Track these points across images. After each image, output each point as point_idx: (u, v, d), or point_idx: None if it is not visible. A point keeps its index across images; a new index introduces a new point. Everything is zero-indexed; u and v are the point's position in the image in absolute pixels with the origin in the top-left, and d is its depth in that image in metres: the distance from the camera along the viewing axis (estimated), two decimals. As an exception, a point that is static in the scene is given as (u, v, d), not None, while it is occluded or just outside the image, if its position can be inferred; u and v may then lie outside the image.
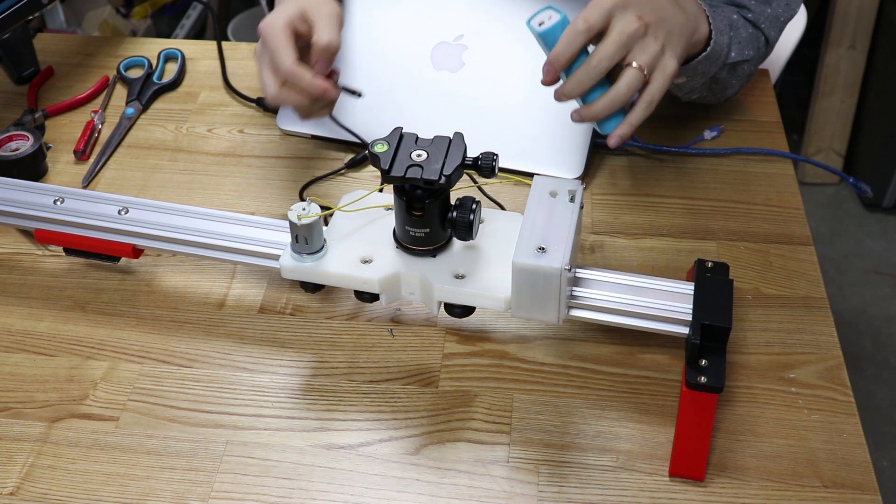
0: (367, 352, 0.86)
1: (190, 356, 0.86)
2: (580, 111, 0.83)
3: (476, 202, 0.75)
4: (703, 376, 0.71)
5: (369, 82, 1.07)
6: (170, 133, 1.11)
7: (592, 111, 0.82)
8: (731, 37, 0.95)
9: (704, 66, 0.93)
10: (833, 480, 0.75)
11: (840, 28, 2.15)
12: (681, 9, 0.86)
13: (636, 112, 0.83)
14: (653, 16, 0.82)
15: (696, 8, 0.89)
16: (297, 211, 0.75)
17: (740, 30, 0.98)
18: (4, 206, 0.87)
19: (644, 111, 0.83)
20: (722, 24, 0.93)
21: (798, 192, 1.01)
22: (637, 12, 0.81)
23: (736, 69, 1.00)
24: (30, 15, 1.13)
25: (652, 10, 0.82)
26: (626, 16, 0.81)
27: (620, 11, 0.81)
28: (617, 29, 0.80)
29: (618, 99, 0.81)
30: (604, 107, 0.81)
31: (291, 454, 0.78)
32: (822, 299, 0.89)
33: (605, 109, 0.81)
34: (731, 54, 0.96)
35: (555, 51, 0.80)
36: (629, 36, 0.80)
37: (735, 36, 0.96)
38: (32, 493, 0.76)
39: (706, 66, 0.93)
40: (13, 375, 0.85)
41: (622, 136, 0.83)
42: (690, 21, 0.86)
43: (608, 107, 0.81)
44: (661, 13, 0.83)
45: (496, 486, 0.76)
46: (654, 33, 0.82)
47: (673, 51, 0.83)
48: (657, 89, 0.82)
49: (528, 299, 0.73)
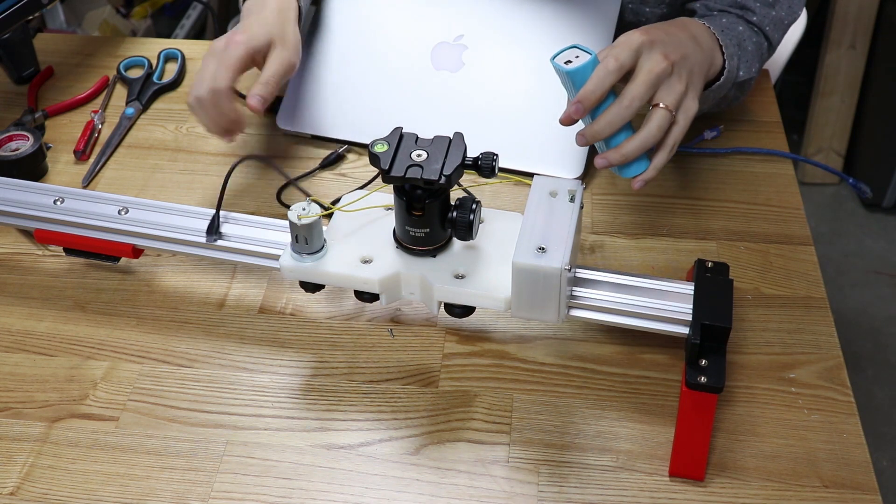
0: (367, 352, 0.86)
1: (190, 356, 0.86)
2: (607, 155, 0.82)
3: (476, 202, 0.75)
4: (703, 376, 0.71)
5: (370, 82, 1.07)
6: (170, 133, 1.11)
7: (622, 154, 0.81)
8: (740, 56, 0.96)
9: (717, 92, 0.94)
10: (833, 480, 0.75)
11: (840, 28, 2.15)
12: (699, 46, 0.87)
13: (661, 156, 0.83)
14: (676, 54, 0.83)
15: (711, 42, 0.90)
16: (297, 211, 0.75)
17: (746, 43, 0.98)
18: (4, 206, 0.87)
19: (668, 154, 0.83)
20: (732, 46, 0.94)
21: (798, 192, 1.01)
22: (662, 51, 0.82)
23: (743, 86, 1.00)
24: (30, 15, 1.13)
25: (675, 48, 0.83)
26: (654, 55, 0.81)
27: (647, 50, 0.81)
28: (646, 68, 0.80)
29: (649, 140, 0.81)
30: (634, 149, 0.81)
31: (291, 454, 0.78)
32: (822, 299, 0.89)
33: (635, 151, 0.81)
34: (740, 73, 0.97)
35: (585, 90, 0.79)
36: (657, 76, 0.81)
37: (743, 55, 0.97)
38: (32, 493, 0.76)
39: (718, 92, 0.94)
40: (13, 375, 0.85)
41: (647, 180, 0.84)
42: (707, 57, 0.88)
43: (639, 149, 0.81)
44: (683, 51, 0.84)
45: (496, 486, 0.76)
46: (678, 72, 0.82)
47: (695, 90, 0.84)
48: (680, 132, 0.83)
49: (528, 299, 0.73)
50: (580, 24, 1.05)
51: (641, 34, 0.82)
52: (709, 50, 0.89)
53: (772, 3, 1.00)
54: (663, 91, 0.82)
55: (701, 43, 0.88)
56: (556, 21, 1.05)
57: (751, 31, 0.99)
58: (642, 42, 0.81)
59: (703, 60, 0.87)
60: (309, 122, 1.08)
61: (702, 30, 0.90)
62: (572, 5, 1.05)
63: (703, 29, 0.91)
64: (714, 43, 0.91)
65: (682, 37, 0.86)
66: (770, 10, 1.00)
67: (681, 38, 0.86)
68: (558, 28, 1.05)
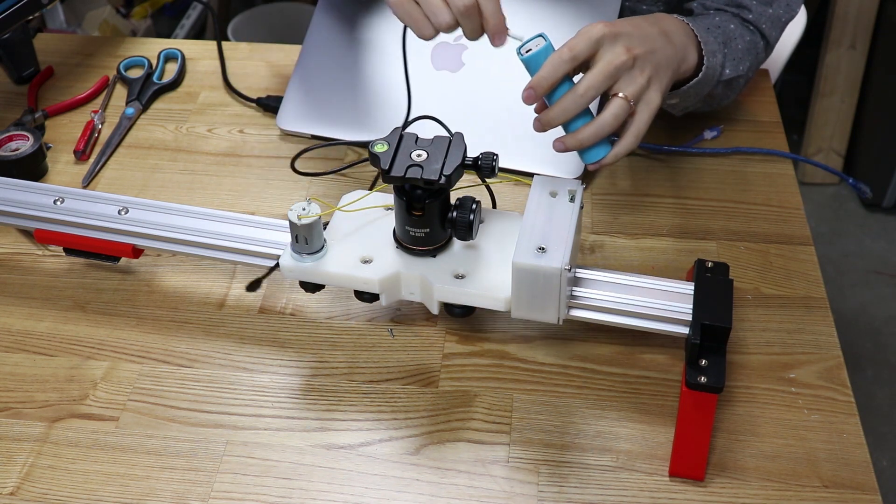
0: (367, 352, 0.86)
1: (190, 356, 0.86)
2: (564, 139, 0.83)
3: (476, 202, 0.75)
4: (703, 376, 0.71)
5: (370, 82, 1.07)
6: (170, 133, 1.11)
7: (578, 139, 0.82)
8: (725, 54, 0.95)
9: (696, 89, 0.94)
10: (833, 480, 0.75)
11: (840, 28, 2.15)
12: (669, 41, 0.87)
13: (623, 143, 0.84)
14: (641, 48, 0.83)
15: (684, 39, 0.90)
16: (297, 211, 0.75)
17: (736, 41, 0.97)
18: (4, 206, 0.87)
19: (631, 143, 0.84)
20: (715, 43, 0.94)
21: (798, 192, 1.01)
22: (626, 43, 0.82)
23: (731, 84, 1.00)
24: (30, 15, 1.13)
25: (640, 42, 0.83)
26: (615, 47, 0.81)
27: (609, 42, 0.82)
28: (605, 59, 0.81)
29: (604, 128, 0.82)
30: (589, 135, 0.82)
31: (291, 454, 0.78)
32: (822, 299, 0.89)
33: (590, 138, 0.82)
34: (726, 71, 0.96)
35: (538, 76, 0.80)
36: (616, 67, 0.81)
37: (729, 52, 0.96)
38: (32, 493, 0.76)
39: (698, 88, 0.94)
40: (13, 375, 0.85)
41: (604, 165, 0.84)
42: (678, 53, 0.87)
43: (594, 135, 0.82)
44: (649, 45, 0.84)
45: (496, 486, 0.76)
46: (640, 66, 0.83)
47: (659, 84, 0.84)
48: (643, 122, 0.84)
49: (528, 299, 0.73)
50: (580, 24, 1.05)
51: (605, 26, 0.82)
52: (681, 46, 0.88)
53: (769, 2, 1.00)
54: (623, 82, 0.82)
55: (672, 39, 0.87)
56: (556, 21, 1.05)
57: (745, 28, 0.99)
58: (604, 34, 0.81)
59: (672, 56, 0.86)
60: (309, 122, 1.08)
61: (676, 26, 0.90)
62: (572, 5, 1.05)
63: (679, 25, 0.90)
64: (689, 39, 0.90)
65: (651, 31, 0.86)
66: (767, 7, 1.00)
67: (649, 32, 0.85)
68: (558, 28, 1.05)
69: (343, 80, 1.08)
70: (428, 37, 0.82)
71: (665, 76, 0.85)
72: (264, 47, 1.24)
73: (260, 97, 1.14)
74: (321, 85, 1.08)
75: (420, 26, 0.82)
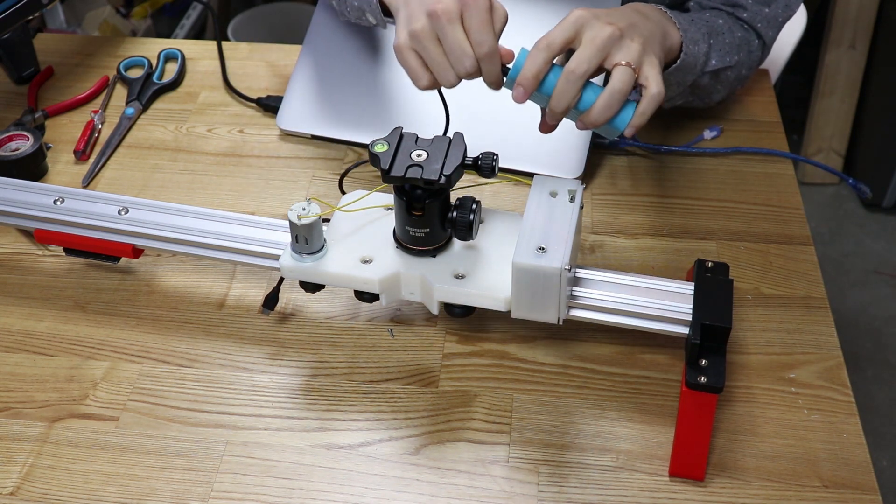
0: (367, 352, 0.86)
1: (190, 356, 0.86)
2: (581, 118, 0.79)
3: (476, 202, 0.75)
4: (703, 376, 0.71)
5: (370, 82, 1.07)
6: (170, 133, 1.11)
7: (592, 116, 0.78)
8: (711, 44, 0.95)
9: (678, 76, 0.92)
10: (833, 480, 0.75)
11: (840, 28, 2.15)
12: (646, 19, 0.85)
13: (647, 96, 0.79)
14: (623, 22, 0.80)
15: (660, 17, 0.88)
16: (297, 211, 0.75)
17: (724, 35, 0.97)
18: (4, 206, 0.87)
19: (655, 94, 0.79)
20: (698, 33, 0.93)
21: (798, 192, 1.01)
22: (606, 20, 0.79)
23: (719, 75, 0.99)
24: (30, 15, 1.13)
25: (620, 18, 0.81)
26: (596, 24, 0.78)
27: (589, 22, 0.79)
28: (588, 36, 0.78)
29: (615, 97, 0.77)
30: (603, 107, 0.77)
31: (291, 454, 0.78)
32: (822, 299, 0.89)
33: (604, 109, 0.77)
34: (712, 62, 0.96)
35: (522, 72, 0.77)
36: (603, 40, 0.77)
37: (715, 43, 0.96)
38: (32, 493, 0.76)
39: (680, 76, 0.93)
40: (13, 375, 0.85)
41: (637, 126, 0.79)
42: (658, 27, 0.85)
43: (607, 105, 0.77)
44: (629, 20, 0.81)
45: (496, 486, 0.76)
46: (629, 35, 0.79)
47: (652, 50, 0.81)
48: (655, 82, 0.79)
49: (528, 299, 0.73)
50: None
51: (582, 10, 0.79)
52: (658, 23, 0.86)
53: (767, 1, 1.00)
54: (616, 53, 0.78)
55: (649, 17, 0.85)
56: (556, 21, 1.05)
57: (737, 26, 0.99)
58: (580, 15, 0.78)
59: (654, 28, 0.83)
60: (309, 122, 1.08)
61: (650, 9, 0.87)
62: (572, 5, 1.05)
63: (652, 9, 0.88)
64: (666, 19, 0.88)
65: (626, 12, 0.83)
66: (764, 7, 1.00)
67: (625, 12, 0.83)
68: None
69: (343, 80, 1.08)
70: (450, 85, 0.80)
71: (655, 45, 0.82)
72: (264, 47, 1.24)
73: (260, 97, 1.14)
74: (321, 85, 1.08)
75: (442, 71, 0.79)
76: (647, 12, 0.87)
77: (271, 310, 0.88)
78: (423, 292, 0.77)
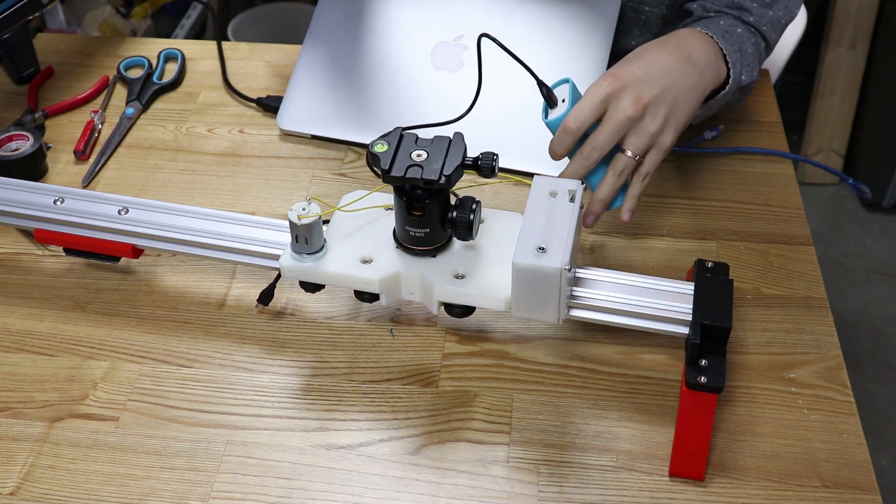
0: (367, 352, 0.86)
1: (190, 356, 0.86)
2: (589, 207, 0.86)
3: (476, 202, 0.75)
4: (703, 376, 0.71)
5: (370, 82, 1.07)
6: (170, 133, 1.11)
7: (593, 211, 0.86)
8: (741, 60, 0.95)
9: (721, 101, 0.95)
10: (833, 480, 0.75)
11: (840, 28, 2.15)
12: (690, 67, 0.87)
13: (634, 187, 0.86)
14: (653, 91, 0.84)
15: (709, 57, 0.90)
16: (297, 211, 0.75)
17: (746, 45, 0.97)
18: (4, 206, 0.87)
19: (640, 185, 0.86)
20: (734, 52, 0.94)
21: (798, 192, 1.01)
22: (634, 94, 0.83)
23: (745, 89, 1.00)
24: (30, 15, 1.13)
25: (653, 84, 0.84)
26: (622, 102, 0.83)
27: (615, 99, 0.83)
28: (611, 119, 0.83)
29: (616, 184, 0.85)
30: (602, 198, 0.85)
31: (291, 454, 0.78)
32: (822, 299, 0.89)
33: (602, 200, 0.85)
34: (743, 77, 0.97)
35: (550, 146, 0.84)
36: (621, 124, 0.83)
37: (744, 59, 0.96)
38: (32, 493, 0.76)
39: (723, 100, 0.95)
40: (13, 375, 0.85)
41: (631, 209, 0.87)
42: (702, 78, 0.88)
43: (607, 195, 0.85)
44: (664, 83, 0.85)
45: (496, 486, 0.76)
46: (652, 112, 0.84)
47: (676, 122, 0.86)
48: (651, 165, 0.86)
49: (528, 299, 0.73)
50: (580, 24, 1.05)
51: (610, 82, 0.83)
52: (705, 67, 0.88)
53: (769, 4, 1.00)
54: (633, 136, 0.84)
55: (696, 62, 0.88)
56: (557, 21, 1.05)
57: (748, 32, 0.99)
58: (608, 93, 0.83)
59: (693, 84, 0.87)
60: (309, 122, 1.08)
61: (701, 45, 0.89)
62: (572, 5, 1.05)
63: (703, 43, 0.90)
64: (715, 54, 0.90)
65: (668, 63, 0.86)
66: (767, 10, 1.00)
67: (665, 65, 0.86)
68: (558, 28, 1.05)
69: (343, 80, 1.08)
70: None
71: (683, 113, 0.86)
72: (264, 47, 1.24)
73: (260, 97, 1.14)
74: (321, 85, 1.08)
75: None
76: (695, 56, 0.88)
77: (266, 305, 0.88)
78: (423, 292, 0.77)
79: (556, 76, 0.87)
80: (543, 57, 1.05)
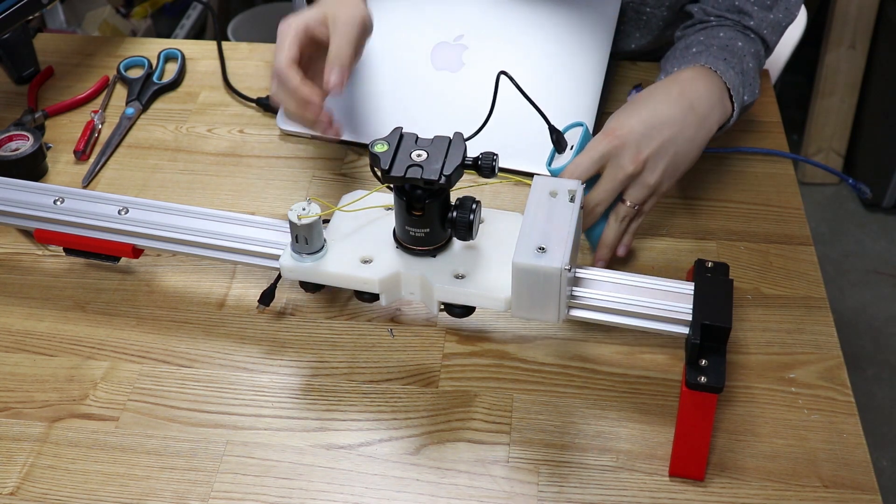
0: (367, 352, 0.86)
1: (190, 356, 0.86)
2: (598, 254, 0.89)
3: (476, 202, 0.75)
4: (703, 376, 0.71)
5: (370, 82, 1.07)
6: (170, 133, 1.11)
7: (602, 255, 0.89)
8: (743, 82, 0.95)
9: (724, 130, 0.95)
10: (833, 480, 0.75)
11: (840, 28, 2.15)
12: (694, 115, 0.88)
13: (628, 236, 0.90)
14: (653, 145, 0.85)
15: (713, 100, 0.90)
16: (297, 211, 0.75)
17: (747, 60, 0.97)
18: (4, 206, 0.87)
19: (637, 224, 0.90)
20: (736, 78, 0.94)
21: (798, 192, 1.01)
22: (633, 152, 0.85)
23: (746, 108, 1.00)
24: (30, 15, 1.13)
25: (654, 137, 0.85)
26: (621, 160, 0.85)
27: (614, 157, 0.85)
28: (610, 177, 0.85)
29: (620, 231, 0.88)
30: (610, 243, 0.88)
31: (291, 454, 0.78)
32: (822, 299, 0.89)
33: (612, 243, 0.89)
34: (745, 98, 0.96)
35: None
36: (619, 182, 0.86)
37: (745, 79, 0.96)
38: (32, 493, 0.76)
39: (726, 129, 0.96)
40: (13, 375, 0.85)
41: (627, 245, 0.90)
42: (705, 125, 0.89)
43: (613, 242, 0.89)
44: (664, 135, 0.86)
45: (496, 486, 0.76)
46: (651, 166, 0.86)
47: (675, 173, 0.88)
48: (649, 208, 0.89)
49: (528, 299, 0.73)
50: (580, 25, 1.05)
51: (608, 141, 0.85)
52: (709, 110, 0.89)
53: (769, 6, 1.00)
54: (632, 189, 0.87)
55: (699, 110, 0.88)
56: (557, 21, 1.05)
57: (748, 41, 0.98)
58: (607, 151, 0.85)
59: (693, 136, 0.88)
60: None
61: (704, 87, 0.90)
62: (573, 5, 1.05)
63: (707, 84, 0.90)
64: (720, 94, 0.91)
65: (670, 114, 0.87)
66: (767, 13, 1.00)
67: (667, 117, 0.86)
68: (558, 28, 1.05)
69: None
70: None
71: (685, 160, 0.88)
72: (264, 47, 1.24)
73: (260, 97, 1.14)
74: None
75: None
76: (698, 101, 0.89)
77: (267, 305, 0.88)
78: (423, 292, 0.77)
79: (556, 76, 0.87)
80: (543, 57, 1.05)
